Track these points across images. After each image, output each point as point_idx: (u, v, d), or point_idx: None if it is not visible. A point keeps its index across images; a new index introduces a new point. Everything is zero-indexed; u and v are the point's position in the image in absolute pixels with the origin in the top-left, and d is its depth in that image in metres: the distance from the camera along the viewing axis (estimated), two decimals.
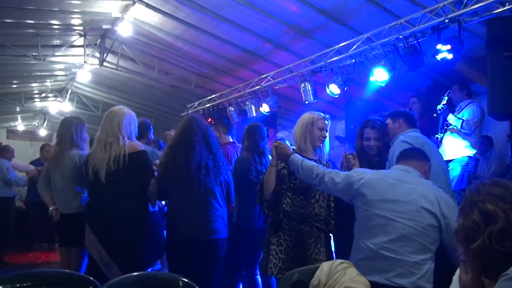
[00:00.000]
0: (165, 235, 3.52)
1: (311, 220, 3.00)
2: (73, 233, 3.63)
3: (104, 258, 3.15)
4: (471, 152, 4.81)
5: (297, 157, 2.89)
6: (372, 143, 3.37)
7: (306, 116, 3.14)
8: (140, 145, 3.33)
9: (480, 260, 1.35)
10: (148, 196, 3.31)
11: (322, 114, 3.16)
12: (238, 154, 4.49)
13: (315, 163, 2.89)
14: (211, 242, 3.17)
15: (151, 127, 4.41)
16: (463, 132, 4.81)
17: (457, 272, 1.65)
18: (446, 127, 4.99)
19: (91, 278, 1.90)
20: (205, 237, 3.15)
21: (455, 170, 4.78)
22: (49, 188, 3.91)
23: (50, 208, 3.85)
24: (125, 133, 3.27)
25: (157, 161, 3.63)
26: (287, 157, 2.92)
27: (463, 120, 4.79)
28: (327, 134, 3.16)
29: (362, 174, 2.58)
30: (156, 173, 3.36)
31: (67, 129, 3.80)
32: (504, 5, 3.83)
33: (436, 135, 5.08)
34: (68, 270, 2.92)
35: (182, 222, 3.16)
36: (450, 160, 4.83)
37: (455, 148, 4.87)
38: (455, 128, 4.86)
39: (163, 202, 4.45)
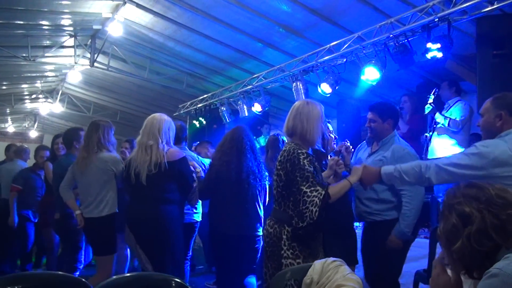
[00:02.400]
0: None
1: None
2: (104, 237, 3.65)
3: (142, 259, 3.34)
4: (459, 150, 4.81)
5: (388, 167, 2.58)
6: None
7: (317, 107, 2.70)
8: (180, 152, 3.48)
9: (462, 262, 1.38)
10: (188, 198, 3.61)
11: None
12: None
13: (413, 161, 2.63)
14: (254, 237, 3.56)
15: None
16: (451, 131, 4.84)
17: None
18: (434, 126, 5.00)
19: (83, 279, 1.89)
20: (250, 232, 3.54)
21: None
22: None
23: (76, 213, 3.70)
24: (164, 138, 3.40)
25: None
26: (378, 174, 2.58)
27: (450, 118, 4.81)
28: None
29: (493, 146, 2.28)
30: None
31: (95, 132, 3.71)
32: (492, 4, 3.87)
33: (425, 134, 5.10)
34: (60, 273, 2.90)
35: (232, 219, 3.47)
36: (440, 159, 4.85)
37: (443, 147, 4.88)
38: (442, 126, 4.88)
39: None
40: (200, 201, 4.06)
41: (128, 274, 2.03)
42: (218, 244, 3.59)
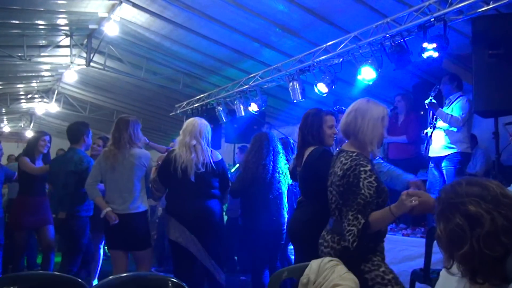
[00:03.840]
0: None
1: None
2: (144, 232, 3.77)
3: (202, 252, 3.56)
4: (460, 147, 4.76)
5: None
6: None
7: (378, 107, 2.51)
8: (219, 154, 3.82)
9: (468, 266, 1.29)
10: (223, 196, 3.87)
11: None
12: None
13: None
14: (282, 232, 3.95)
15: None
16: (452, 128, 4.77)
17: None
18: (435, 122, 4.93)
19: (79, 279, 1.89)
20: (279, 228, 3.93)
21: (448, 169, 4.75)
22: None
23: (106, 210, 3.66)
24: (205, 140, 3.68)
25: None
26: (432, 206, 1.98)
27: (451, 115, 4.76)
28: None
29: None
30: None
31: (125, 128, 3.77)
32: (488, 4, 3.89)
33: (425, 130, 5.03)
34: (57, 273, 2.90)
35: (264, 216, 3.87)
36: (441, 157, 4.81)
37: (444, 145, 4.83)
38: (443, 123, 4.81)
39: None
40: None
41: (125, 275, 2.03)
42: (250, 238, 3.99)
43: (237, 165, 6.35)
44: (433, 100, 4.77)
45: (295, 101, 6.18)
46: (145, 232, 3.81)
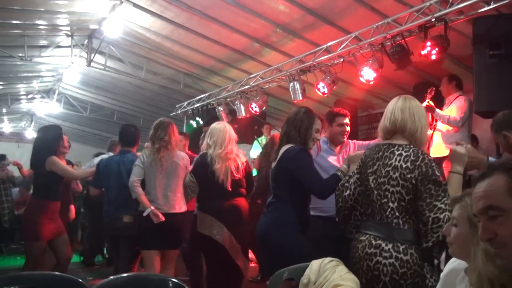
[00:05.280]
0: None
1: None
2: (182, 232, 3.90)
3: (235, 248, 3.69)
4: None
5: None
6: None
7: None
8: (243, 156, 3.98)
9: None
10: (248, 196, 4.01)
11: None
12: None
13: None
14: None
15: None
16: (451, 128, 4.75)
17: (452, 260, 1.65)
18: (434, 123, 4.91)
19: (80, 280, 1.89)
20: None
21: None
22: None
23: (150, 208, 3.73)
24: (235, 144, 3.89)
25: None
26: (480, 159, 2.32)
27: (448, 116, 4.74)
28: None
29: None
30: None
31: (172, 131, 3.95)
32: (489, 4, 3.88)
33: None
34: (57, 273, 2.89)
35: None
36: (442, 158, 4.80)
37: (443, 146, 4.83)
38: (443, 124, 4.80)
39: None
40: None
41: (125, 275, 2.03)
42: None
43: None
44: (430, 103, 4.76)
45: (295, 101, 6.18)
46: (184, 232, 3.96)
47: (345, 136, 3.71)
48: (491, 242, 1.15)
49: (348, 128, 3.71)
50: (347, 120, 3.71)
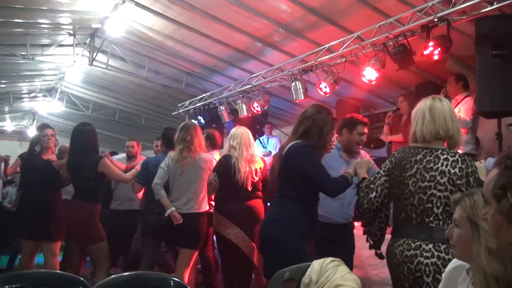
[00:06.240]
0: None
1: None
2: (201, 232, 3.97)
3: (250, 247, 3.83)
4: (464, 149, 4.71)
5: None
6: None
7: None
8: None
9: None
10: (263, 196, 4.13)
11: None
12: None
13: None
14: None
15: None
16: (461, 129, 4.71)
17: (454, 261, 1.64)
18: None
19: (81, 278, 1.89)
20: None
21: None
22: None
23: (170, 209, 3.86)
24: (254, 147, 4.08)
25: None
26: None
27: (459, 117, 4.67)
28: None
29: None
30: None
31: (196, 134, 4.03)
32: (492, 4, 3.87)
33: None
34: (58, 271, 2.90)
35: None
36: None
37: None
38: None
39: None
40: None
41: (127, 273, 2.03)
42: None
43: None
44: None
45: (297, 101, 6.17)
46: (203, 232, 4.03)
47: (361, 146, 3.58)
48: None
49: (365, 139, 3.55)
50: (366, 130, 3.56)
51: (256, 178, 3.93)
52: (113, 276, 1.98)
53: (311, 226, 2.89)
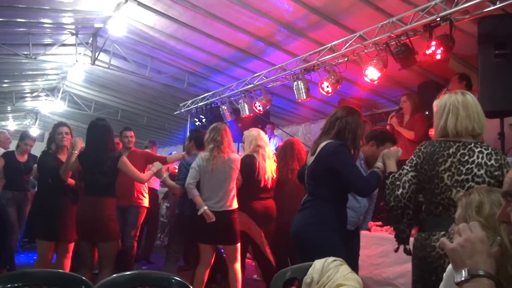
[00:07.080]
0: None
1: None
2: (236, 228, 4.11)
3: (264, 243, 4.19)
4: None
5: None
6: None
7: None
8: None
9: None
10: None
11: None
12: None
13: None
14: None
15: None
16: None
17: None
18: None
19: (82, 277, 1.89)
20: None
21: None
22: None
23: (203, 208, 3.99)
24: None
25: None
26: None
27: None
28: None
29: None
30: None
31: (226, 134, 4.16)
32: (494, 4, 3.86)
33: (430, 131, 5.00)
34: (60, 270, 2.90)
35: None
36: None
37: None
38: None
39: None
40: None
41: (128, 273, 2.03)
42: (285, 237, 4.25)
43: None
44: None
45: (299, 101, 6.17)
46: (237, 227, 4.14)
47: None
48: (508, 225, 1.22)
49: None
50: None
51: (273, 179, 4.39)
52: (114, 275, 1.98)
53: (344, 224, 2.92)
